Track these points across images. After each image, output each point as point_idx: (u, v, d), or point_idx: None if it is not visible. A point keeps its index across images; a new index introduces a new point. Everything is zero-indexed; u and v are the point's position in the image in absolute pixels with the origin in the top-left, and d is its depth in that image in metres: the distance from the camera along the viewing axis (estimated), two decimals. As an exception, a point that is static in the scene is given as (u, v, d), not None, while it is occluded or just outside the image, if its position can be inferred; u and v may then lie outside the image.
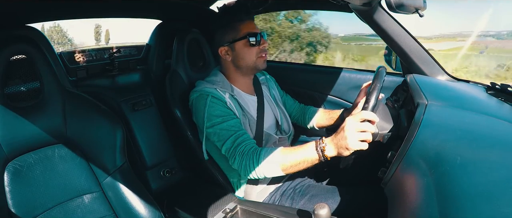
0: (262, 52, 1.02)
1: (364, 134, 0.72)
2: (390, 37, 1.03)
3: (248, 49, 1.00)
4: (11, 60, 0.77)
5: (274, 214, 0.83)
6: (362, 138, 0.72)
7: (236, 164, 0.89)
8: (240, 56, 1.02)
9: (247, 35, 0.99)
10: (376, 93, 0.75)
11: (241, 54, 1.01)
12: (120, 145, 0.92)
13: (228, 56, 1.03)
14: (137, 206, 0.90)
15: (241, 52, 1.01)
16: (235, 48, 1.01)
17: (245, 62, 1.02)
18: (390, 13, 0.98)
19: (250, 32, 1.00)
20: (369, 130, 0.72)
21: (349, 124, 0.73)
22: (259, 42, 1.01)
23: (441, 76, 1.07)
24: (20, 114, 0.78)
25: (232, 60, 1.03)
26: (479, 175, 0.49)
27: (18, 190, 0.77)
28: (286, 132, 1.13)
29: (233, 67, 1.05)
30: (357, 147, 0.73)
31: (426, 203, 0.50)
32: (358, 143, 0.72)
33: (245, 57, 1.01)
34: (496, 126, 0.66)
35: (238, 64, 1.03)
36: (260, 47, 1.01)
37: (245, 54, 1.01)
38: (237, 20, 1.01)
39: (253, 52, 1.01)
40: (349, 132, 0.72)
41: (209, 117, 0.94)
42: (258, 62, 1.03)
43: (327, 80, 1.51)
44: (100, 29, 5.63)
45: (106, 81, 1.30)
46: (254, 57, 1.02)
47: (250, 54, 1.01)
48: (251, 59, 1.02)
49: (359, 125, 0.72)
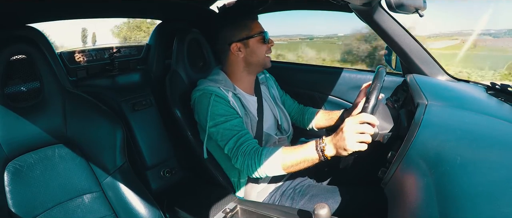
0: (269, 50, 1.05)
1: (362, 135, 0.72)
2: (390, 37, 1.03)
3: (261, 46, 1.03)
4: (11, 60, 0.77)
5: (274, 214, 0.83)
6: (360, 140, 0.72)
7: (238, 164, 0.90)
8: (253, 52, 1.03)
9: (261, 32, 1.03)
10: (376, 93, 0.75)
11: (254, 50, 1.03)
12: (120, 145, 0.92)
13: (241, 52, 1.03)
14: (137, 206, 0.90)
15: (255, 48, 1.03)
16: (249, 45, 1.02)
17: (257, 58, 1.04)
18: (390, 13, 0.98)
19: (261, 31, 1.03)
20: (367, 131, 0.73)
21: (348, 125, 0.73)
22: (268, 41, 1.04)
23: (441, 76, 1.07)
24: (20, 113, 0.78)
25: (244, 57, 1.04)
26: (479, 175, 0.49)
27: (18, 190, 0.77)
28: (286, 131, 1.13)
29: (243, 64, 1.05)
30: (355, 148, 0.73)
31: (426, 203, 0.50)
32: (356, 144, 0.73)
33: (258, 53, 1.04)
34: (496, 126, 0.66)
35: (250, 61, 1.04)
36: (268, 45, 1.04)
37: (258, 51, 1.03)
38: (249, 18, 1.04)
39: (264, 49, 1.04)
40: (347, 133, 0.73)
41: (212, 116, 0.94)
42: (266, 60, 1.06)
43: (327, 80, 1.51)
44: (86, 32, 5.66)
45: (106, 81, 1.30)
46: (264, 55, 1.04)
47: (262, 51, 1.04)
48: (262, 56, 1.04)
49: (358, 127, 0.72)
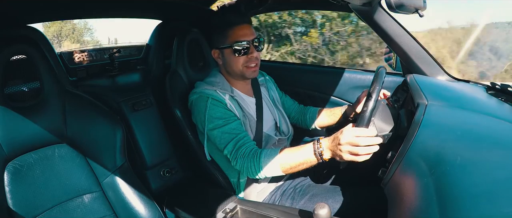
0: (250, 62, 0.97)
1: (357, 148, 0.72)
2: (390, 37, 1.03)
3: (235, 57, 0.97)
4: (11, 60, 0.77)
5: (274, 214, 0.83)
6: (354, 152, 0.72)
7: (238, 166, 0.90)
8: (228, 63, 1.00)
9: (233, 44, 0.95)
10: (376, 94, 0.75)
11: (228, 61, 0.99)
12: (120, 145, 0.92)
13: (220, 60, 1.02)
14: (137, 206, 0.90)
15: (228, 59, 0.99)
16: (224, 54, 0.99)
17: (232, 70, 1.00)
18: (390, 13, 0.98)
19: (238, 40, 0.95)
20: (363, 144, 0.72)
21: (344, 137, 0.73)
22: (246, 52, 0.96)
23: (441, 76, 1.07)
24: (20, 113, 0.78)
25: (223, 65, 1.03)
26: (479, 175, 0.49)
27: (18, 189, 0.77)
28: (285, 134, 1.13)
29: (225, 71, 1.04)
30: (349, 159, 0.73)
31: (426, 203, 0.50)
32: (350, 156, 0.73)
33: (232, 65, 0.99)
34: (496, 126, 0.66)
35: (227, 70, 1.02)
36: (248, 56, 0.97)
37: (232, 62, 0.98)
38: (227, 25, 0.96)
39: (239, 62, 0.97)
40: (343, 146, 0.73)
41: (210, 119, 0.93)
42: (245, 72, 0.98)
43: (327, 80, 1.51)
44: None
45: (106, 81, 1.29)
46: (240, 67, 0.98)
47: (236, 62, 0.97)
48: (238, 68, 0.98)
49: (354, 140, 0.72)
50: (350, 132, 0.73)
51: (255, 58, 0.98)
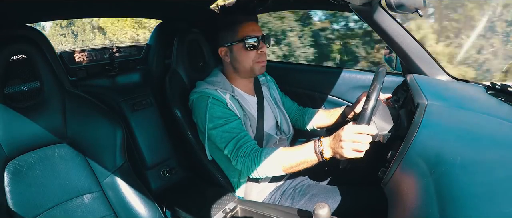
0: (260, 57, 0.99)
1: (359, 145, 0.73)
2: (390, 37, 1.03)
3: (245, 53, 0.98)
4: (11, 60, 0.77)
5: (274, 214, 0.83)
6: (356, 149, 0.73)
7: (239, 165, 0.90)
8: (237, 60, 1.00)
9: (244, 39, 0.96)
10: (377, 92, 0.75)
11: (238, 57, 0.99)
12: (120, 144, 0.92)
13: (227, 57, 1.02)
14: (137, 206, 0.90)
15: (238, 55, 0.99)
16: (233, 51, 1.00)
17: (242, 66, 1.00)
18: (390, 13, 0.98)
19: (248, 35, 0.96)
20: (364, 141, 0.73)
21: (346, 134, 0.74)
22: (257, 47, 0.98)
23: (441, 76, 1.07)
24: (20, 113, 0.78)
25: (230, 62, 1.03)
26: (479, 175, 0.49)
27: (18, 189, 0.77)
28: (286, 133, 1.13)
29: (232, 69, 1.04)
30: (351, 156, 0.74)
31: (426, 203, 0.50)
32: (352, 152, 0.73)
33: (242, 60, 0.99)
34: (496, 126, 0.66)
35: (236, 67, 1.02)
36: (258, 51, 0.99)
37: (242, 58, 0.99)
38: (236, 22, 0.98)
39: (250, 57, 0.98)
40: (344, 142, 0.74)
41: (211, 119, 0.94)
42: (255, 67, 1.00)
43: (327, 80, 1.51)
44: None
45: (106, 81, 1.29)
46: (251, 62, 0.99)
47: (247, 58, 0.98)
48: (248, 64, 0.99)
49: (355, 136, 0.73)
50: (352, 129, 0.74)
51: (264, 54, 1.01)
